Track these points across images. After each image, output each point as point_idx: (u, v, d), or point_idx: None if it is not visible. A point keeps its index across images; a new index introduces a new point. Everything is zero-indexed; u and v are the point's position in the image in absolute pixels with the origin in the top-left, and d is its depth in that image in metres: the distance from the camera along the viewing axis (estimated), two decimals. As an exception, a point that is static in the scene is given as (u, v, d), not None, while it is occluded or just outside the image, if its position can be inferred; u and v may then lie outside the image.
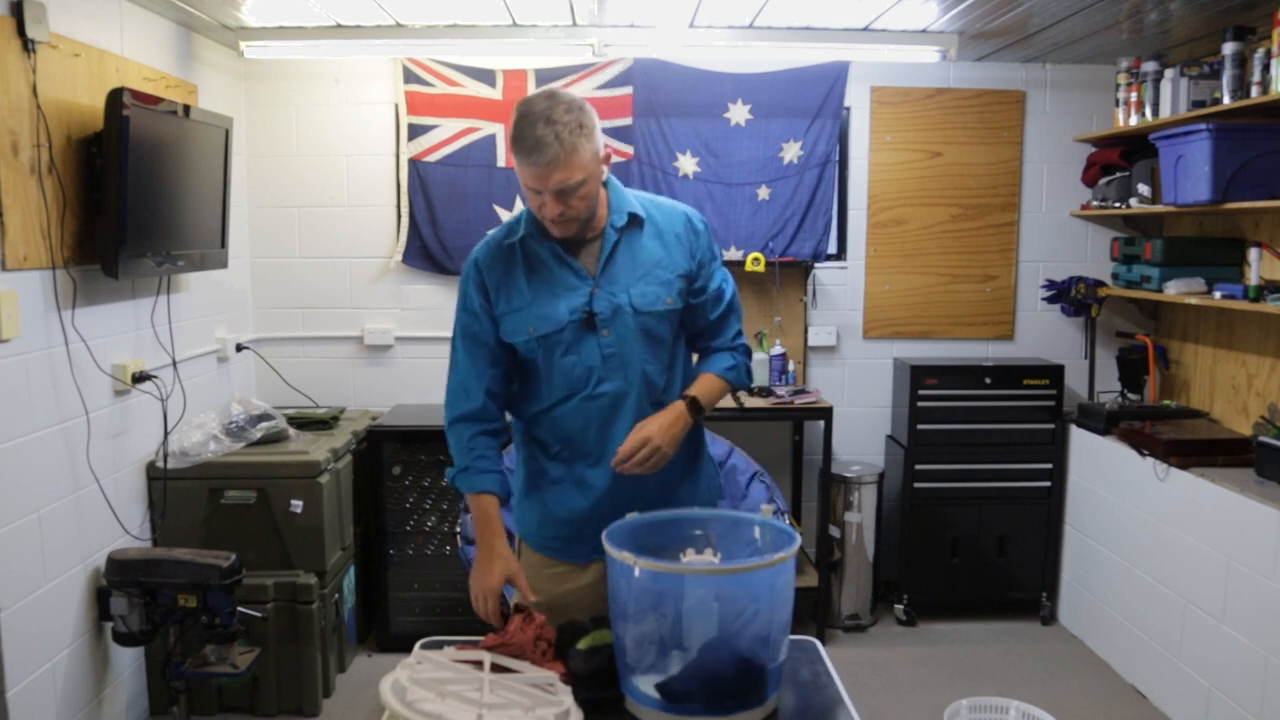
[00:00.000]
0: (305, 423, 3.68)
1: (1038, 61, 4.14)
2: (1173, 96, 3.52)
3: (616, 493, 1.93)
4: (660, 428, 1.85)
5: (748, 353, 2.06)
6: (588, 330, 1.87)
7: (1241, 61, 3.19)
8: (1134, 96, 3.80)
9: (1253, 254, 3.25)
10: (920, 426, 3.99)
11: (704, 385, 1.97)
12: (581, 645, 1.76)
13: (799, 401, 3.86)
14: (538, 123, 1.73)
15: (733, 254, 4.07)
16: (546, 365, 1.91)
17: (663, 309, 1.92)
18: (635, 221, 1.93)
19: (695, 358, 2.08)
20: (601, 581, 1.99)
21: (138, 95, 2.73)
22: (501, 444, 1.99)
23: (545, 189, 1.76)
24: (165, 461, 3.13)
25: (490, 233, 1.98)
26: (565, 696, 1.57)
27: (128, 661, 3.07)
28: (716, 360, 2.02)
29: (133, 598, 2.74)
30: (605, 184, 1.92)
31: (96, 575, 2.86)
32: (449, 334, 1.99)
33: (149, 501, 3.18)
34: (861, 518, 4.00)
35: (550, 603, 2.02)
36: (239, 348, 3.92)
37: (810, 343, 4.24)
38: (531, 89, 3.99)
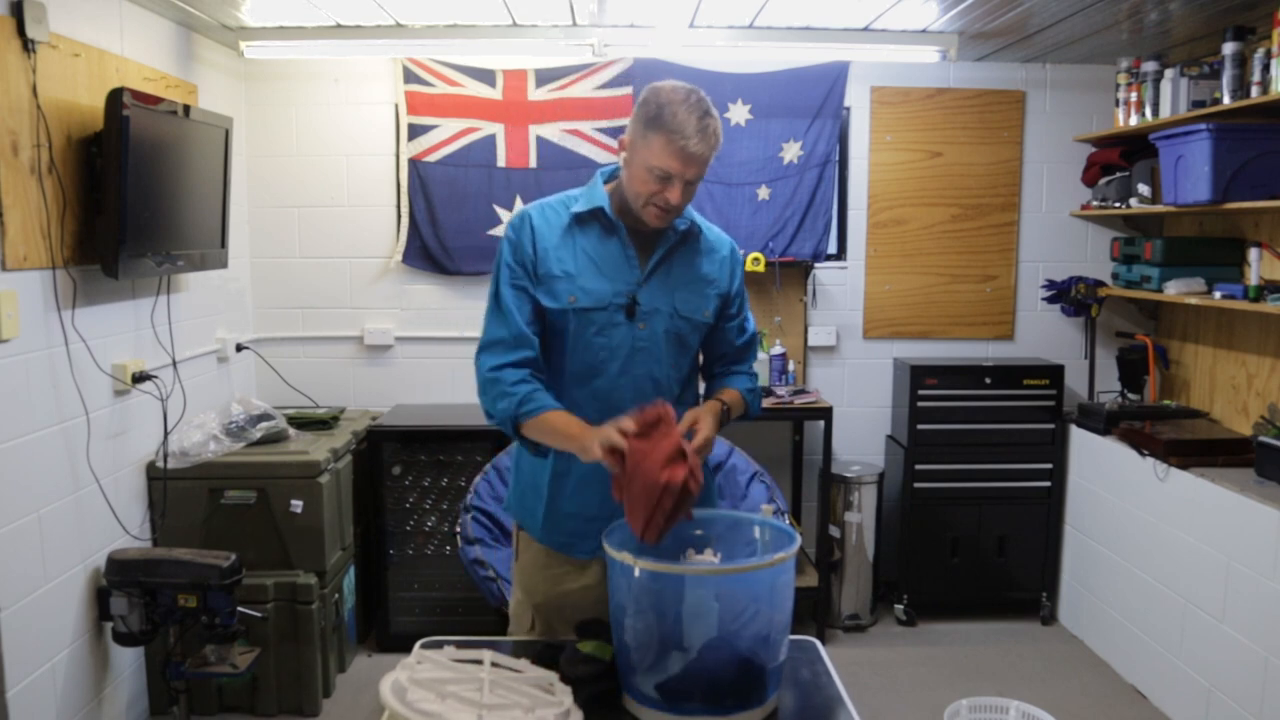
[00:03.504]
0: (305, 423, 3.68)
1: (1038, 61, 4.14)
2: (1173, 96, 3.52)
3: None
4: (709, 424, 1.83)
5: (759, 384, 2.14)
6: (627, 317, 1.89)
7: (1241, 61, 3.19)
8: (1134, 96, 3.80)
9: (1253, 254, 3.25)
10: (920, 426, 3.99)
11: (731, 396, 2.01)
12: (582, 647, 1.75)
13: (799, 401, 3.86)
14: (696, 110, 1.77)
15: (733, 254, 4.07)
16: (575, 340, 1.90)
17: (700, 319, 1.97)
18: (693, 232, 1.98)
19: (703, 386, 2.12)
20: (600, 585, 2.00)
21: (138, 95, 2.73)
22: None
23: (683, 174, 1.79)
24: (165, 461, 3.14)
25: (544, 199, 1.98)
26: (565, 697, 1.57)
27: (128, 661, 3.07)
28: (739, 380, 2.07)
29: (133, 598, 2.74)
30: None
31: (96, 575, 2.86)
32: (449, 334, 1.98)
33: (149, 501, 3.18)
34: (861, 518, 4.00)
35: (540, 602, 2.03)
36: (239, 348, 3.92)
37: (810, 343, 4.24)
38: (531, 89, 3.99)
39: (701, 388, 2.13)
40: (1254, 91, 3.11)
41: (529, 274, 1.90)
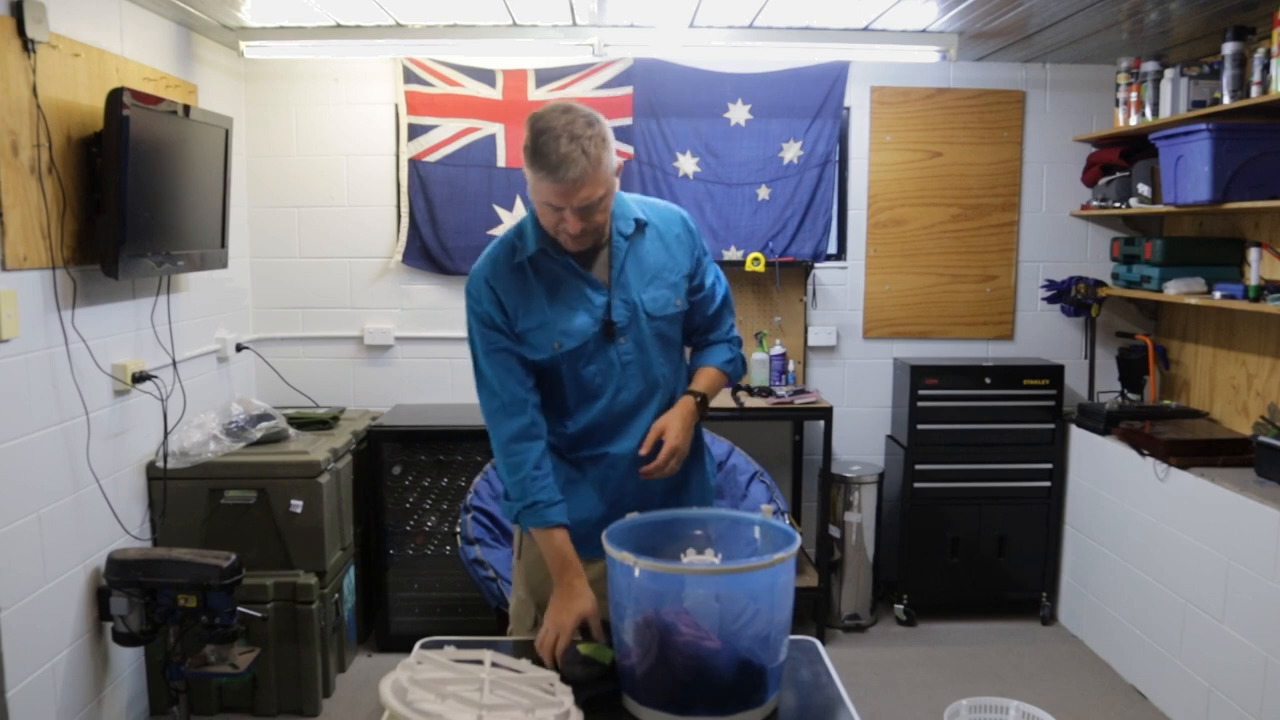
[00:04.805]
0: (305, 423, 3.68)
1: (1038, 61, 4.14)
2: (1173, 96, 3.52)
3: (632, 493, 1.95)
4: (676, 432, 1.87)
5: (741, 344, 2.10)
6: (606, 340, 1.89)
7: (1241, 61, 3.19)
8: (1134, 96, 3.80)
9: (1253, 254, 3.25)
10: (920, 426, 3.99)
11: (707, 380, 2.00)
12: (582, 649, 1.75)
13: (799, 401, 3.86)
14: (560, 138, 1.69)
15: (733, 254, 4.07)
16: (570, 376, 1.92)
17: (674, 312, 1.96)
18: (639, 227, 1.94)
19: (689, 351, 2.11)
20: (601, 582, 2.00)
21: (138, 95, 2.73)
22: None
23: (569, 205, 1.74)
24: (165, 461, 3.13)
25: (489, 250, 1.94)
26: (565, 697, 1.57)
27: (128, 661, 3.07)
28: (715, 353, 2.06)
29: (133, 598, 2.75)
30: None
31: (96, 575, 2.86)
32: (449, 334, 1.99)
33: (149, 501, 3.18)
34: (861, 518, 4.00)
35: (543, 601, 2.02)
36: (239, 348, 3.92)
37: (810, 343, 4.24)
38: (531, 89, 3.99)
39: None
40: (1254, 91, 3.11)
41: (505, 335, 1.89)
